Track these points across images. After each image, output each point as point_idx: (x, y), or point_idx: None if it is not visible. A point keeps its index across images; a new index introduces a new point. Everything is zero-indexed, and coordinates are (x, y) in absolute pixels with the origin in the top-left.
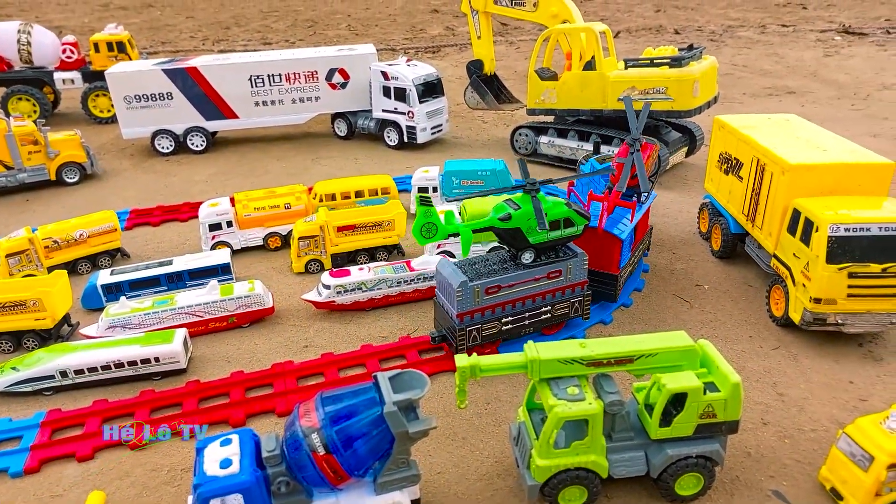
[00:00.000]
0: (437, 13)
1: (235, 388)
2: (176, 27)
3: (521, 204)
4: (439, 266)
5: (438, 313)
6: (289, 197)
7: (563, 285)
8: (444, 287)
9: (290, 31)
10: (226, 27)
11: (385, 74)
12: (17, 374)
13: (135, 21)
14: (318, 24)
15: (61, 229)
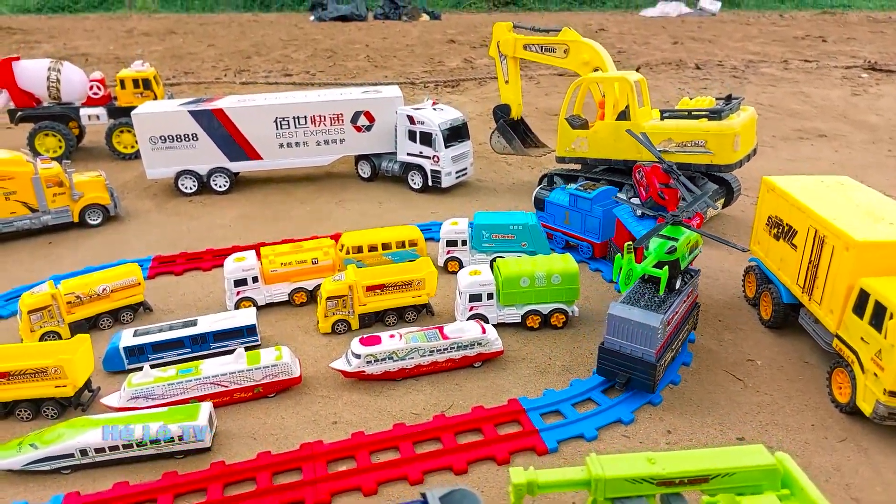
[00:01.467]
0: (454, 43)
1: (262, 472)
2: (198, 55)
3: (672, 234)
4: (617, 311)
5: (612, 360)
6: (316, 252)
7: (689, 305)
8: (629, 330)
9: (311, 61)
10: (247, 56)
11: (411, 119)
12: (36, 451)
13: (157, 49)
14: (337, 55)
15: (84, 284)
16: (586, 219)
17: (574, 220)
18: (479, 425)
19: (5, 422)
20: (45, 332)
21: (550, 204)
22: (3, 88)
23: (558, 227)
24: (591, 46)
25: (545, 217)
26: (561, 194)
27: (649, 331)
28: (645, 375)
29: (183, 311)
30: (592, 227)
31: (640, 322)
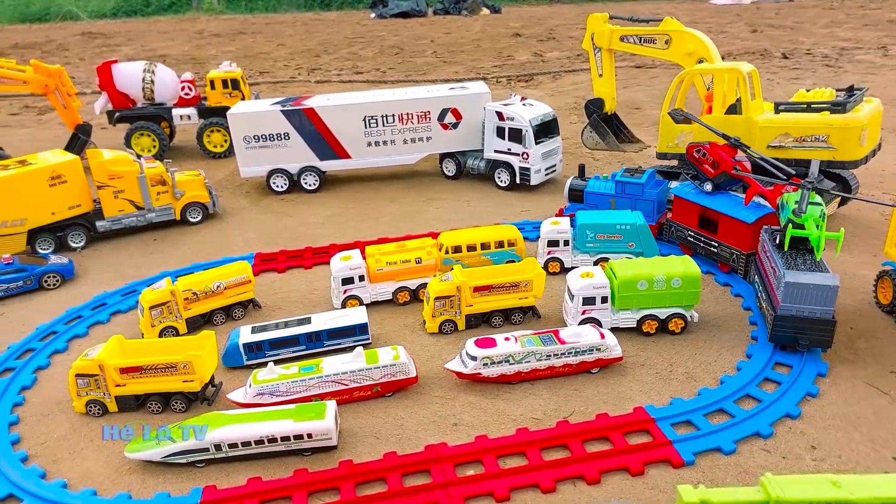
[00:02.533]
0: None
1: (391, 473)
2: (270, 55)
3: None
4: (793, 278)
5: (788, 325)
6: (420, 251)
7: None
8: (807, 294)
9: (379, 58)
10: (316, 55)
11: (500, 115)
12: (174, 445)
13: (230, 49)
14: (404, 51)
15: (200, 281)
16: (637, 203)
17: (622, 206)
18: (606, 434)
19: (136, 413)
20: (165, 328)
21: (591, 194)
22: (103, 90)
23: None
24: (696, 36)
25: (583, 208)
26: (601, 183)
27: (828, 291)
28: (824, 333)
29: (289, 308)
30: (645, 210)
31: (819, 284)
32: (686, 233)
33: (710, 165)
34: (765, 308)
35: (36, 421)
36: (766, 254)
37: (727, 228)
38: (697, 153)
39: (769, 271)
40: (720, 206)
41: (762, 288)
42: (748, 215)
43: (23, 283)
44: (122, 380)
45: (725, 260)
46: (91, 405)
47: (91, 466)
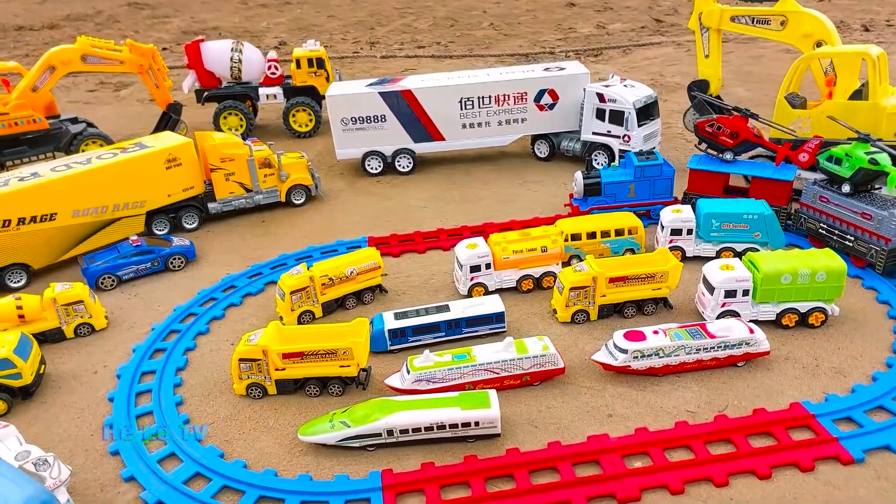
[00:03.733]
0: (574, 7)
1: (562, 462)
2: (323, 27)
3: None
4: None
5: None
6: (545, 240)
7: None
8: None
9: (435, 31)
10: (370, 27)
11: (601, 96)
12: (348, 430)
13: (281, 21)
14: (459, 23)
15: (335, 267)
16: (656, 184)
17: (641, 190)
18: (767, 429)
19: (294, 397)
20: (303, 311)
21: (609, 185)
22: (191, 69)
23: (621, 202)
24: (815, 17)
25: (601, 200)
26: (617, 172)
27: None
28: None
29: (413, 293)
30: (665, 188)
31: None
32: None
33: (727, 136)
34: (857, 247)
35: (198, 402)
36: (835, 203)
37: (761, 189)
38: (711, 127)
39: (849, 216)
40: (752, 170)
41: (838, 235)
42: (788, 174)
43: (151, 264)
44: (284, 364)
45: None
46: (252, 388)
47: (264, 447)
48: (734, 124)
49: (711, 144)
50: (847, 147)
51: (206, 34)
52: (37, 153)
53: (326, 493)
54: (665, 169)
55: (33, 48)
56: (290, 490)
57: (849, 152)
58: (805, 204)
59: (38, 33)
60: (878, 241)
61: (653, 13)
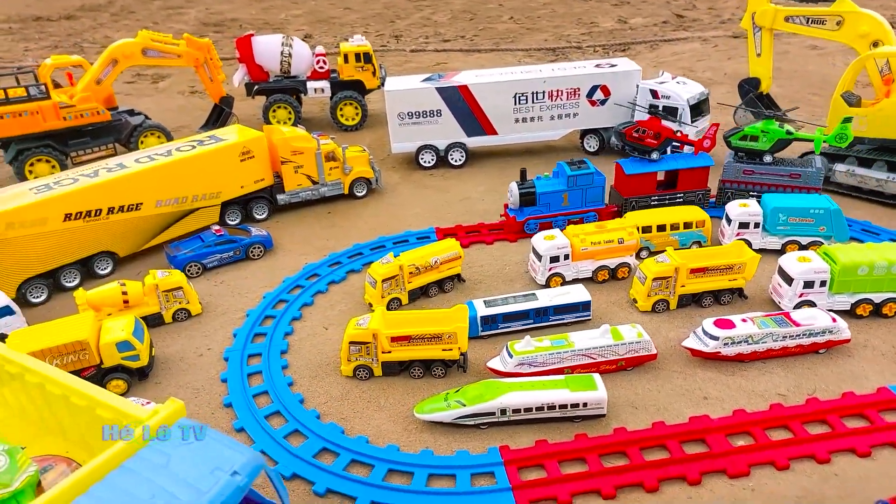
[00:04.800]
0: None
1: (670, 441)
2: (340, 19)
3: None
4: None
5: None
6: (621, 232)
7: None
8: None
9: (455, 24)
10: (389, 20)
11: (655, 93)
12: (464, 408)
13: (298, 13)
14: (478, 17)
15: (421, 256)
16: (587, 192)
17: (574, 199)
18: (860, 411)
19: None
20: (392, 299)
21: (544, 195)
22: (242, 63)
23: (556, 212)
24: (873, 17)
25: (536, 210)
26: (550, 182)
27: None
28: None
29: (489, 283)
30: (596, 196)
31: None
32: (648, 200)
33: (651, 138)
34: None
35: (308, 383)
36: (760, 172)
37: (686, 178)
38: (637, 132)
39: (778, 179)
40: (678, 164)
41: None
42: (707, 161)
43: (233, 253)
44: (391, 347)
45: (691, 202)
46: (359, 370)
47: (381, 424)
48: (655, 126)
49: (638, 148)
50: (757, 125)
51: (225, 26)
52: (98, 144)
53: (452, 467)
54: (596, 178)
55: (59, 39)
56: (416, 464)
57: (763, 129)
58: (728, 180)
59: (58, 24)
60: (810, 193)
61: (672, 8)
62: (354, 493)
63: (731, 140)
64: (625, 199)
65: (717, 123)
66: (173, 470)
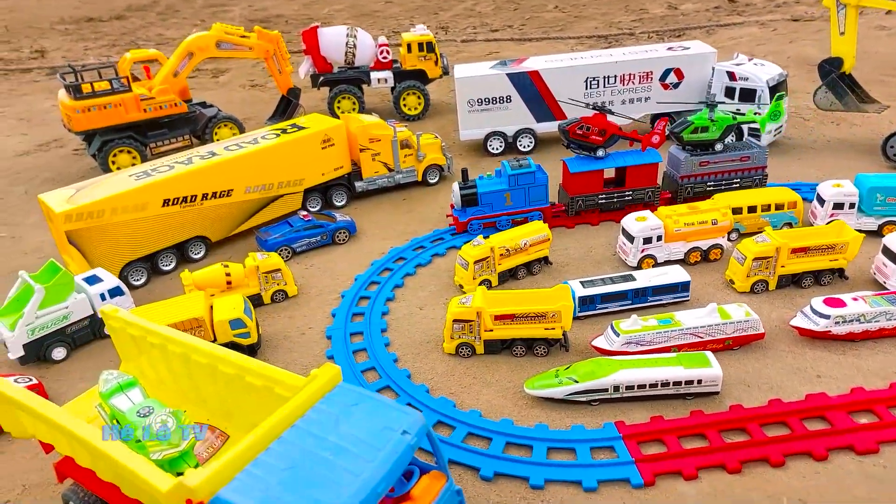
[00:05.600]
0: None
1: (790, 417)
2: (384, 12)
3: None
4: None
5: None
6: (715, 213)
7: None
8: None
9: (500, 14)
10: (433, 12)
11: (732, 75)
12: (577, 385)
13: (340, 7)
14: (522, 6)
15: (510, 238)
16: (531, 190)
17: (517, 198)
18: None
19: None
20: (482, 280)
21: (486, 194)
22: (308, 55)
23: (499, 211)
24: None
25: (478, 210)
26: (492, 182)
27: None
28: None
29: (576, 265)
30: (539, 194)
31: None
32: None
33: (596, 135)
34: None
35: (412, 360)
36: (715, 161)
37: (634, 175)
38: (581, 129)
39: (731, 165)
40: (618, 162)
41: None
42: (655, 157)
43: (321, 237)
44: (494, 325)
45: (641, 199)
46: (462, 347)
47: (491, 399)
48: (600, 122)
49: (582, 145)
50: (702, 116)
51: (271, 22)
52: (175, 136)
53: (571, 441)
54: (539, 176)
55: (114, 38)
56: (534, 437)
57: (712, 118)
58: (686, 175)
59: (109, 24)
60: (758, 172)
61: None
62: (476, 464)
63: (682, 135)
64: (571, 198)
65: (665, 118)
66: (344, 429)
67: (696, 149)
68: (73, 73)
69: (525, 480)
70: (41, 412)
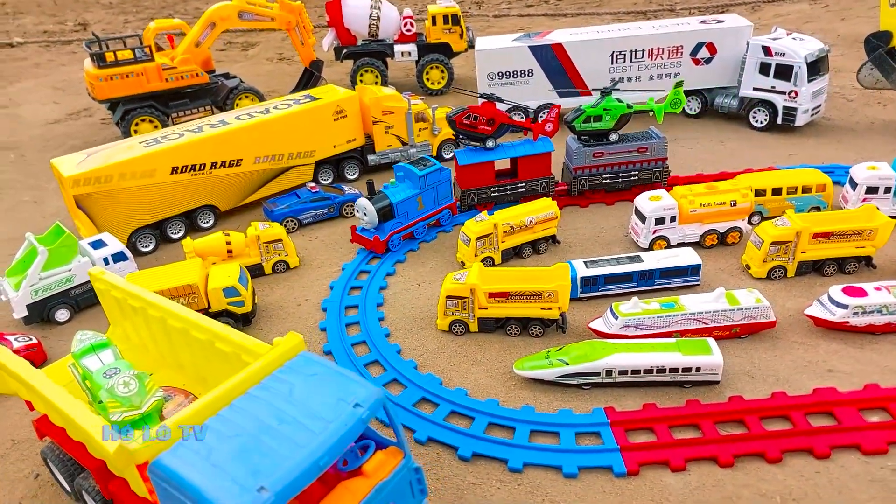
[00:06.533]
0: None
1: (793, 412)
2: None
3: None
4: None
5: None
6: (734, 194)
7: None
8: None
9: None
10: None
11: (767, 50)
12: (567, 367)
13: None
14: None
15: (516, 215)
16: (438, 188)
17: (427, 199)
18: None
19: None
20: (485, 257)
21: (401, 203)
22: (331, 27)
23: (414, 218)
24: None
25: (397, 223)
26: (400, 188)
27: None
28: None
29: (584, 246)
30: (446, 191)
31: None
32: (488, 191)
33: (485, 125)
34: (642, 176)
35: (403, 335)
36: (609, 153)
37: (526, 166)
38: (468, 119)
39: (628, 157)
40: (509, 153)
41: (623, 176)
42: (548, 146)
43: (328, 210)
44: (488, 303)
45: (535, 191)
46: (455, 324)
47: (479, 378)
48: (488, 111)
49: (471, 136)
50: (595, 105)
51: None
52: (197, 106)
53: (556, 425)
54: (444, 172)
55: (154, 11)
56: (518, 419)
57: (605, 107)
58: (580, 167)
59: None
60: (658, 164)
61: None
62: (455, 443)
63: (574, 125)
64: (462, 192)
65: (557, 105)
66: (297, 398)
67: (591, 139)
68: (98, 43)
69: (503, 463)
70: (13, 370)
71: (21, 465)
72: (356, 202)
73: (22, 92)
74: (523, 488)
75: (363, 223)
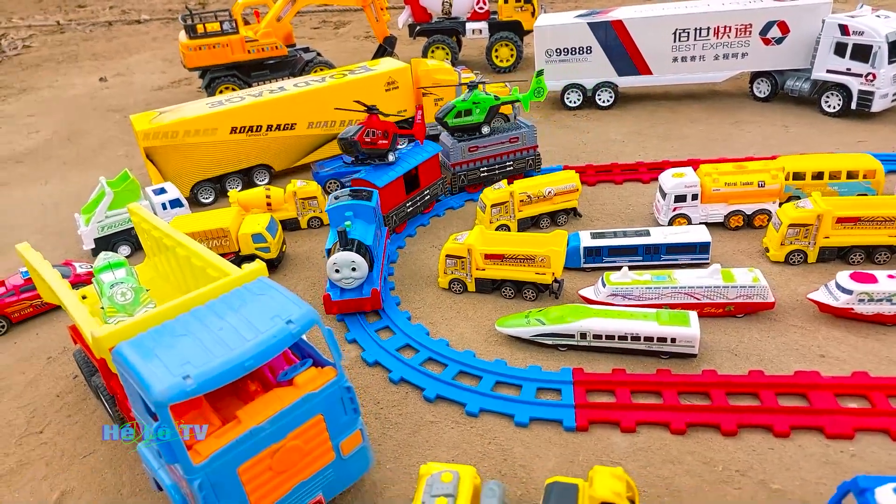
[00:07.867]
0: None
1: (764, 390)
2: None
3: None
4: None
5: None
6: (763, 174)
7: None
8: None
9: None
10: None
11: (845, 28)
12: (543, 327)
13: None
14: None
15: (534, 185)
16: (379, 216)
17: (380, 231)
18: None
19: (490, 297)
20: (500, 225)
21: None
22: (407, 4)
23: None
24: None
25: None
26: (363, 226)
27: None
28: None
29: (606, 220)
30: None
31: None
32: (404, 208)
33: (382, 138)
34: (516, 167)
35: (406, 289)
36: (483, 146)
37: (426, 173)
38: (369, 136)
39: (501, 148)
40: (417, 158)
41: (498, 169)
42: (436, 148)
43: None
44: (485, 264)
45: (435, 196)
46: (454, 283)
47: (463, 332)
48: (380, 124)
49: (373, 153)
50: (465, 98)
51: None
52: (275, 76)
53: (520, 378)
54: (375, 197)
55: None
56: (487, 370)
57: (474, 100)
58: (457, 163)
59: None
60: (531, 152)
61: None
62: (423, 385)
63: (446, 121)
64: (384, 216)
65: (420, 105)
66: (243, 313)
67: (464, 134)
68: (191, 16)
69: (462, 406)
70: (45, 279)
71: (66, 368)
72: (336, 261)
73: (139, 62)
74: (475, 430)
75: (346, 283)
